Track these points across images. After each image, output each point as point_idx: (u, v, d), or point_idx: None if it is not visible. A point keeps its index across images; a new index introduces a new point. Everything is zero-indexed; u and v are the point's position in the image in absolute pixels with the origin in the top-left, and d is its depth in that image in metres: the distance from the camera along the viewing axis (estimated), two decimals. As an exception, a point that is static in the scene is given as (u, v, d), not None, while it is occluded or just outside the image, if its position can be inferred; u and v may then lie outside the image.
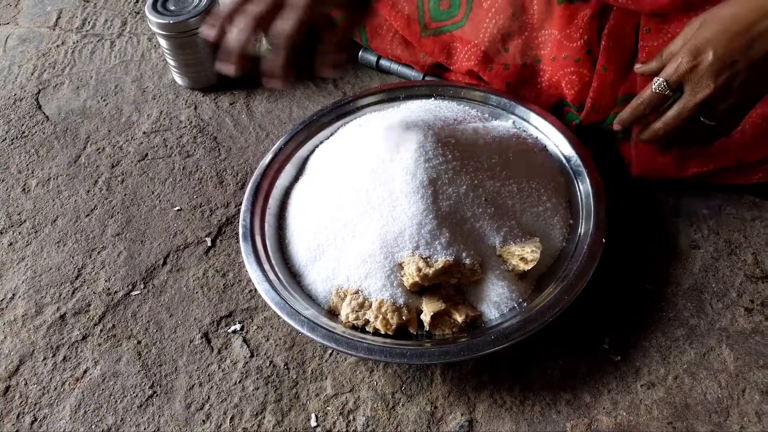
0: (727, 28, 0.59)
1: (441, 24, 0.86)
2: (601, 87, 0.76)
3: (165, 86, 0.99)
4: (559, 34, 0.78)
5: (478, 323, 0.64)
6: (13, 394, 0.66)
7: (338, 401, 0.63)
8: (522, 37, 0.80)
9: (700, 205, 0.76)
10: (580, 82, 0.78)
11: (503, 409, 0.62)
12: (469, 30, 0.83)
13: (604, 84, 0.75)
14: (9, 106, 0.98)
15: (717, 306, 0.67)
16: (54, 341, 0.70)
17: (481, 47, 0.83)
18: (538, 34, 0.80)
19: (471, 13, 0.83)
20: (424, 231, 0.64)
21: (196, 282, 0.74)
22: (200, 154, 0.88)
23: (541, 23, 0.79)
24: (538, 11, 0.79)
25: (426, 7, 0.86)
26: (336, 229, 0.68)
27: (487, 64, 0.83)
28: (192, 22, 0.88)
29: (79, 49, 1.07)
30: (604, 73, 0.75)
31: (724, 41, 0.59)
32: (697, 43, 0.60)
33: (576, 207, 0.72)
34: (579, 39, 0.76)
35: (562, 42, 0.78)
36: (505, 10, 0.80)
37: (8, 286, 0.75)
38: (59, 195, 0.85)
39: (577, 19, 0.76)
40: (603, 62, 0.75)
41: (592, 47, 0.76)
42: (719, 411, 0.60)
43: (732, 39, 0.59)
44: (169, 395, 0.65)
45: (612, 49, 0.74)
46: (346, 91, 0.95)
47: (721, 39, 0.59)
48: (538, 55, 0.81)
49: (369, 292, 0.64)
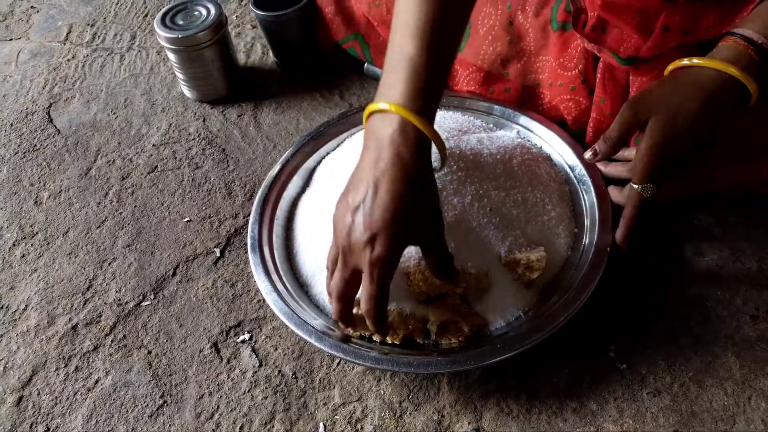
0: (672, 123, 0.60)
1: None
2: (600, 117, 0.77)
3: (174, 99, 1.00)
4: (554, 61, 0.78)
5: (485, 332, 0.65)
6: (26, 404, 0.67)
7: (346, 410, 0.64)
8: (521, 62, 0.81)
9: (704, 213, 0.76)
10: (576, 108, 0.79)
11: (510, 418, 0.62)
12: (468, 54, 0.84)
13: (603, 114, 0.76)
14: (21, 119, 0.99)
15: (722, 314, 0.67)
16: (66, 352, 0.71)
17: (482, 70, 0.83)
18: (535, 60, 0.81)
19: (469, 39, 0.84)
20: (430, 241, 0.65)
21: (205, 292, 0.75)
22: (209, 166, 0.89)
23: (538, 50, 0.80)
24: (534, 38, 0.80)
25: None
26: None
27: (488, 87, 0.84)
28: (200, 36, 0.90)
29: (89, 63, 1.09)
30: (602, 105, 0.75)
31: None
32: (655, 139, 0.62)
33: (580, 216, 0.73)
34: (574, 68, 0.77)
35: (557, 70, 0.78)
36: (502, 37, 0.81)
37: (21, 297, 0.76)
38: (70, 207, 0.86)
39: (571, 48, 0.77)
40: (600, 94, 0.75)
41: (587, 76, 0.76)
42: (725, 419, 0.60)
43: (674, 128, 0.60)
44: (179, 405, 0.66)
45: (607, 81, 0.74)
46: (352, 102, 0.96)
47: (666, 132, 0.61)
48: (537, 79, 0.82)
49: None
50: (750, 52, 0.59)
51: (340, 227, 0.58)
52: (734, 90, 0.59)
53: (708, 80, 0.60)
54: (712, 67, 0.60)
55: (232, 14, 1.15)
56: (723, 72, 0.59)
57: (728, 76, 0.59)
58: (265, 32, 0.99)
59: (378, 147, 0.56)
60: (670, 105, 0.60)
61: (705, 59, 0.60)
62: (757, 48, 0.59)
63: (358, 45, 0.95)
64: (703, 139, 0.61)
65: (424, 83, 0.57)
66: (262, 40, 1.08)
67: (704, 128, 0.60)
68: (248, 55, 1.07)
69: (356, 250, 0.56)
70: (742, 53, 0.59)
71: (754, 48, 0.59)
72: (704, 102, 0.59)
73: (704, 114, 0.59)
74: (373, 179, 0.55)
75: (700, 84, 0.60)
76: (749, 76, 0.58)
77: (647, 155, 0.61)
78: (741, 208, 0.75)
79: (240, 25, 1.13)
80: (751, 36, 0.59)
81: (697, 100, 0.59)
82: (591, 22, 0.73)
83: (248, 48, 1.08)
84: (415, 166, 0.56)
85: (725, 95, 0.59)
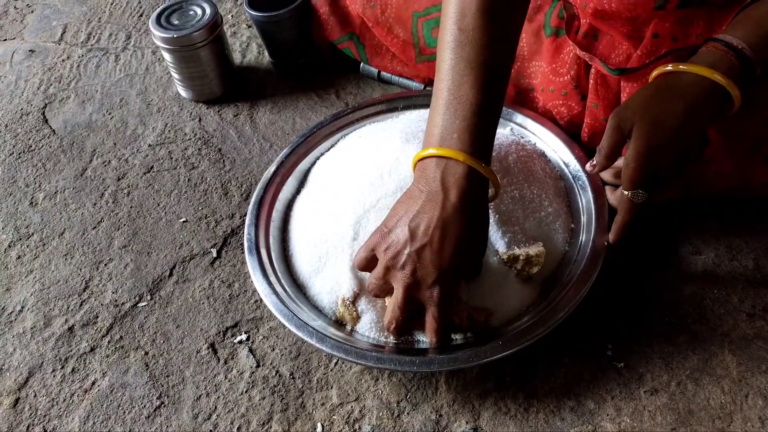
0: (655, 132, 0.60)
1: (435, 50, 0.87)
2: (594, 122, 0.77)
3: (169, 99, 1.00)
4: (547, 67, 0.79)
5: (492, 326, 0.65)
6: (22, 405, 0.67)
7: (344, 410, 0.64)
8: (515, 67, 0.81)
9: (700, 212, 0.76)
10: (568, 113, 0.79)
11: (508, 417, 0.62)
12: None
13: (597, 120, 0.77)
14: (16, 120, 0.99)
15: (719, 312, 0.68)
16: (62, 353, 0.71)
17: None
18: (528, 65, 0.81)
19: None
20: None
21: (202, 293, 0.75)
22: (205, 166, 0.89)
23: (531, 55, 0.80)
24: (527, 43, 0.80)
25: (420, 33, 0.86)
26: (336, 241, 0.69)
27: None
28: (195, 36, 0.90)
29: (84, 63, 1.08)
30: (595, 110, 0.76)
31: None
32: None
33: (577, 211, 0.73)
34: (566, 74, 0.77)
35: (549, 76, 0.79)
36: None
37: (17, 299, 0.76)
38: (66, 208, 0.86)
39: (563, 53, 0.77)
40: (593, 99, 0.76)
41: (579, 82, 0.76)
42: (722, 416, 0.60)
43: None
44: (176, 405, 0.65)
45: (600, 86, 0.74)
46: (348, 101, 0.96)
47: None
48: (531, 83, 0.82)
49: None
50: (731, 57, 0.59)
51: (401, 263, 0.60)
52: (715, 94, 0.59)
53: (688, 85, 0.60)
54: (694, 72, 0.60)
55: (227, 14, 1.15)
56: (703, 77, 0.59)
57: (708, 80, 0.59)
58: (261, 32, 0.99)
59: (444, 190, 0.59)
60: (651, 112, 0.60)
61: (686, 64, 0.60)
62: (738, 54, 0.59)
63: (353, 45, 0.94)
64: (686, 142, 0.61)
65: (489, 131, 0.62)
66: (258, 40, 1.08)
67: (687, 132, 0.60)
68: (244, 55, 1.07)
69: (423, 288, 0.60)
70: (722, 58, 0.59)
71: (734, 54, 0.59)
72: (685, 107, 0.59)
73: (686, 118, 0.59)
74: (440, 221, 0.59)
75: (680, 89, 0.60)
76: (732, 82, 0.58)
77: (632, 161, 0.61)
78: (737, 206, 0.76)
79: (235, 24, 1.13)
80: (731, 41, 0.59)
81: (677, 105, 0.60)
82: (584, 29, 0.73)
83: (244, 48, 1.08)
84: (481, 213, 0.62)
85: (706, 99, 0.59)
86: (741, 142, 0.67)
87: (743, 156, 0.67)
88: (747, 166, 0.68)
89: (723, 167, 0.68)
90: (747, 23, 0.60)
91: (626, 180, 0.62)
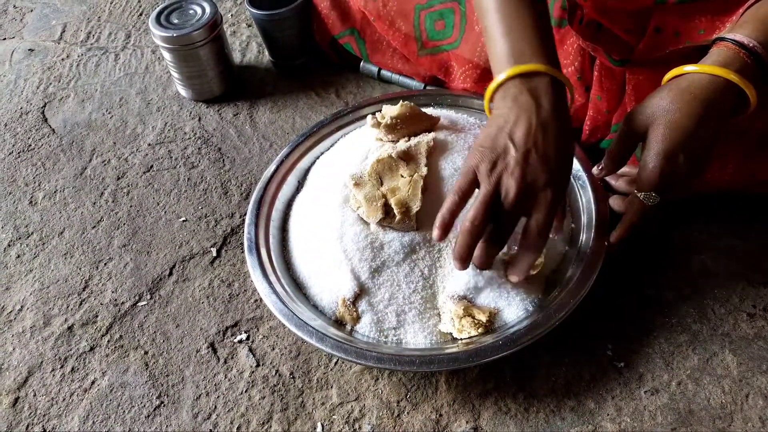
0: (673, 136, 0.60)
1: (437, 43, 0.87)
2: (597, 115, 0.77)
3: (169, 98, 1.00)
4: None
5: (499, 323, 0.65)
6: (22, 405, 0.67)
7: (344, 410, 0.64)
8: None
9: (701, 211, 0.76)
10: (572, 105, 0.78)
11: (508, 417, 0.62)
12: (464, 50, 0.84)
13: (600, 112, 0.76)
14: (15, 119, 0.99)
15: (719, 311, 0.68)
16: (62, 352, 0.70)
17: (478, 67, 0.83)
18: None
19: (465, 35, 0.84)
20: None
21: (202, 292, 0.74)
22: (205, 165, 0.89)
23: None
24: None
25: (423, 26, 0.86)
26: (335, 240, 0.69)
27: (485, 84, 0.84)
28: (195, 35, 0.89)
29: (83, 62, 1.08)
30: (599, 102, 0.75)
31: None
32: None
33: (577, 211, 0.73)
34: (570, 65, 0.77)
35: None
36: None
37: (16, 298, 0.76)
38: (66, 207, 0.86)
39: (567, 45, 0.77)
40: (597, 91, 0.75)
41: (584, 74, 0.76)
42: (723, 416, 0.60)
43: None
44: (176, 405, 0.65)
45: (604, 78, 0.74)
46: (348, 100, 0.96)
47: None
48: None
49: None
50: (743, 56, 0.59)
51: (510, 169, 0.58)
52: (731, 94, 0.59)
53: (703, 86, 0.59)
54: (708, 72, 0.59)
55: (227, 13, 1.15)
56: (718, 77, 0.59)
57: (723, 80, 0.59)
58: (261, 31, 0.99)
59: (535, 98, 0.60)
60: (668, 114, 0.60)
61: (700, 65, 0.60)
62: (750, 52, 0.59)
63: (353, 40, 0.94)
64: (705, 144, 0.61)
65: (554, 47, 0.63)
66: (258, 39, 1.07)
67: (705, 134, 0.60)
68: (244, 54, 1.06)
69: (536, 190, 0.58)
70: (735, 57, 0.59)
71: (746, 52, 0.59)
72: (702, 108, 0.59)
73: (703, 120, 0.59)
74: (539, 125, 0.59)
75: (696, 90, 0.60)
76: (748, 82, 0.58)
77: (651, 162, 0.60)
78: (738, 205, 0.76)
79: (235, 23, 1.13)
80: (742, 40, 0.59)
81: (694, 106, 0.59)
82: (587, 19, 0.73)
83: (244, 47, 1.08)
84: (569, 118, 0.62)
85: (722, 100, 0.59)
86: (747, 137, 0.67)
87: (749, 151, 0.67)
88: (752, 161, 0.68)
89: (728, 163, 0.68)
90: (755, 22, 0.60)
91: (644, 182, 0.62)
